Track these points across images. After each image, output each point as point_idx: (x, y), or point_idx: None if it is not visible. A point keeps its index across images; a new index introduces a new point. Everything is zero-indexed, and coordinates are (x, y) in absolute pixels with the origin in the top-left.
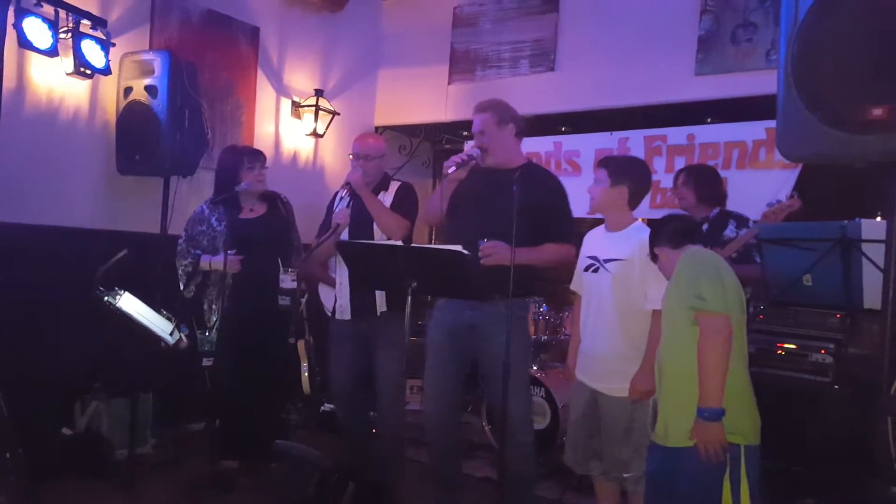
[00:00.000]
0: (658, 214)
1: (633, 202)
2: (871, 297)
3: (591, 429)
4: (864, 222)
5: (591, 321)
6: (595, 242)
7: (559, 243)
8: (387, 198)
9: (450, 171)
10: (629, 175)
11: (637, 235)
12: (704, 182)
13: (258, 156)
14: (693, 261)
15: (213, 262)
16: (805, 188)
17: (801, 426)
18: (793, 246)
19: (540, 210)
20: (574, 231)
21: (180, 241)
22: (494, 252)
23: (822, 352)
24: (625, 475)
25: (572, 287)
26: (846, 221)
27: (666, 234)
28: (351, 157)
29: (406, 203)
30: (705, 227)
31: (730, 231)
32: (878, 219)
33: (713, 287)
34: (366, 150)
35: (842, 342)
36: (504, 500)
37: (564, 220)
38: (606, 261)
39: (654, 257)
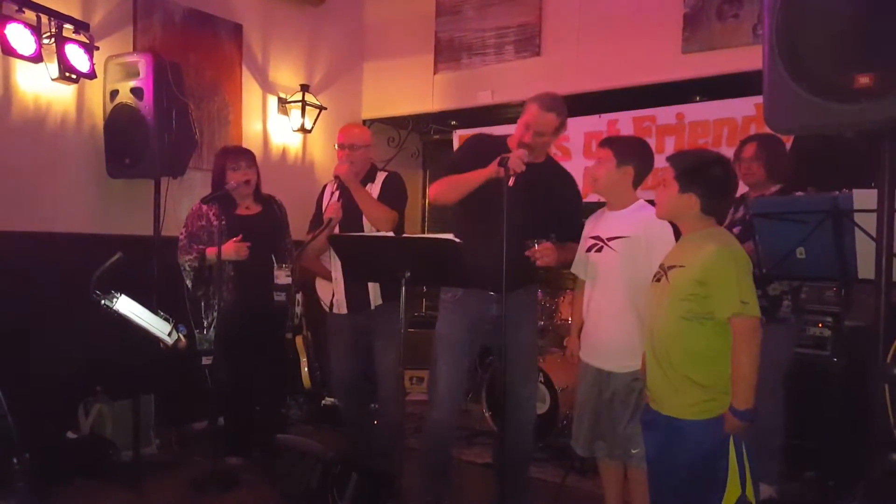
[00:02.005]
0: (648, 196)
1: (637, 182)
2: (866, 266)
3: (597, 409)
4: (857, 192)
5: (595, 301)
6: (597, 223)
7: (576, 242)
8: (374, 189)
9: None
10: (635, 155)
11: (641, 213)
12: (776, 155)
13: (242, 155)
14: (734, 259)
15: (222, 250)
16: (798, 162)
17: (801, 400)
18: (785, 219)
19: (568, 208)
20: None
21: (181, 237)
22: (548, 255)
23: (820, 325)
24: (632, 451)
25: (573, 270)
26: (838, 193)
27: (708, 187)
28: (337, 147)
29: (393, 193)
30: None
31: None
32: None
33: (751, 289)
34: (352, 140)
35: (839, 315)
36: (505, 483)
37: (580, 222)
38: (610, 239)
39: (681, 186)
